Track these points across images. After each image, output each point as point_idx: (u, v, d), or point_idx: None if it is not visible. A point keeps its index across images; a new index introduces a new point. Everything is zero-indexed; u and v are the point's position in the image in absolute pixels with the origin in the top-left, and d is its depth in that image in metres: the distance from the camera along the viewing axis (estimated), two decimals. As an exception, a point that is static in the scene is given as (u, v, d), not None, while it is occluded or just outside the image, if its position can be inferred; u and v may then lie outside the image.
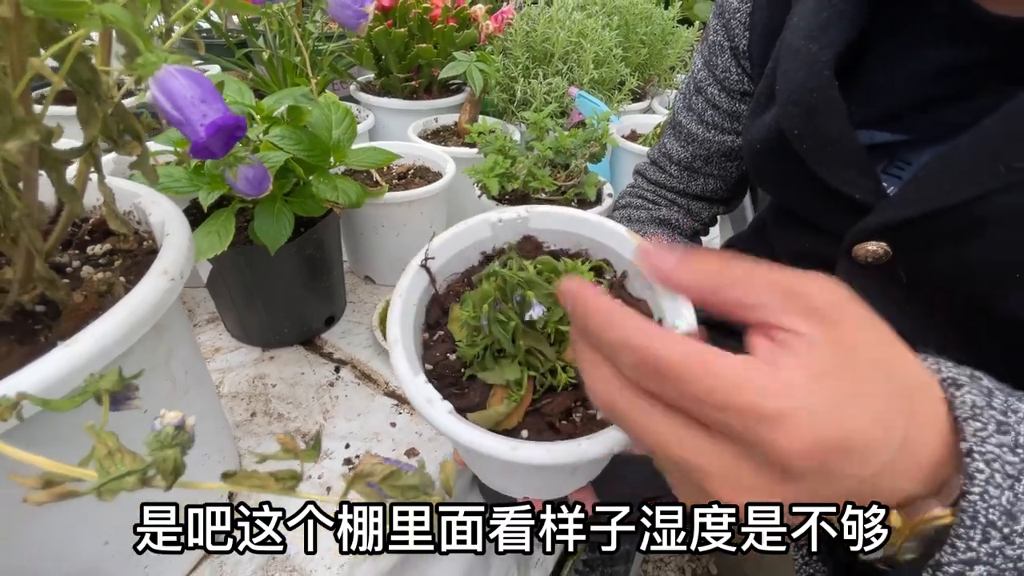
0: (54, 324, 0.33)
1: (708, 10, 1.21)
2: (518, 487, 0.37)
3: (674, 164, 0.59)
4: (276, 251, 0.51)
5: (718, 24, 0.50)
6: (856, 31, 0.36)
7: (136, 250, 0.39)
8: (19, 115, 0.22)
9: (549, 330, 0.32)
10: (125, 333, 0.27)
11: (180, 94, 0.21)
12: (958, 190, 0.31)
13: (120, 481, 0.14)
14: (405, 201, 0.71)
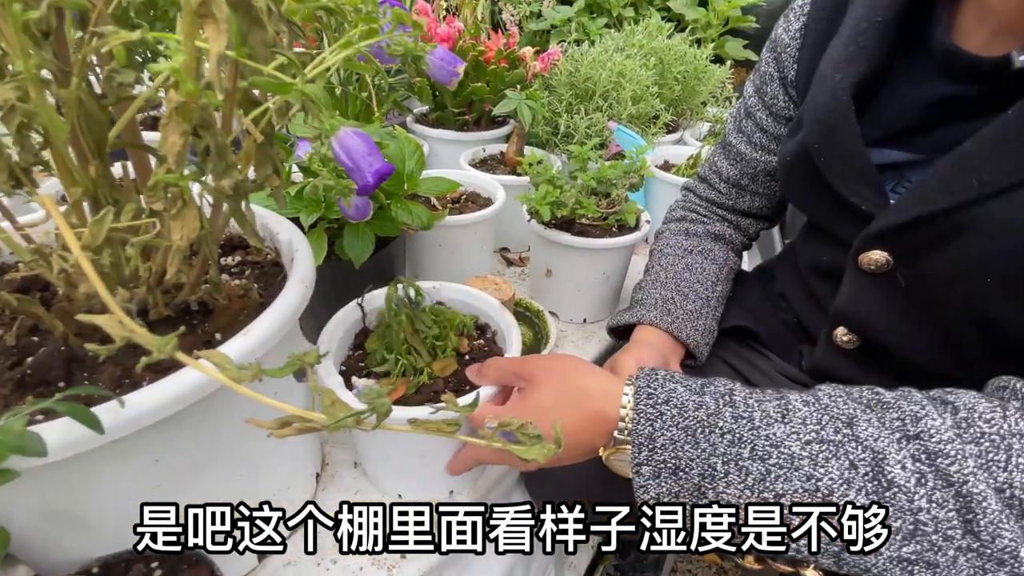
0: (207, 320, 0.41)
1: (738, 49, 1.28)
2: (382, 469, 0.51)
3: (723, 181, 0.65)
4: (359, 265, 0.59)
5: (770, 57, 0.56)
6: (874, 66, 0.42)
7: (263, 262, 0.47)
8: (230, 160, 0.30)
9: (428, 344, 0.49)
10: (281, 326, 0.34)
11: (355, 149, 0.28)
12: (939, 199, 0.37)
13: (344, 420, 0.21)
14: (461, 224, 0.78)
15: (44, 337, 0.38)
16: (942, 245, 0.39)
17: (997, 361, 0.39)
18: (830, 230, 0.50)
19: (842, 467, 0.31)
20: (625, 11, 1.36)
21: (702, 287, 0.60)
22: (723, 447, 0.33)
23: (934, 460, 0.29)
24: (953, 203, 0.37)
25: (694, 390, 0.36)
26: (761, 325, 0.62)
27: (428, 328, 0.48)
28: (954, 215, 0.37)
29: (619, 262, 0.81)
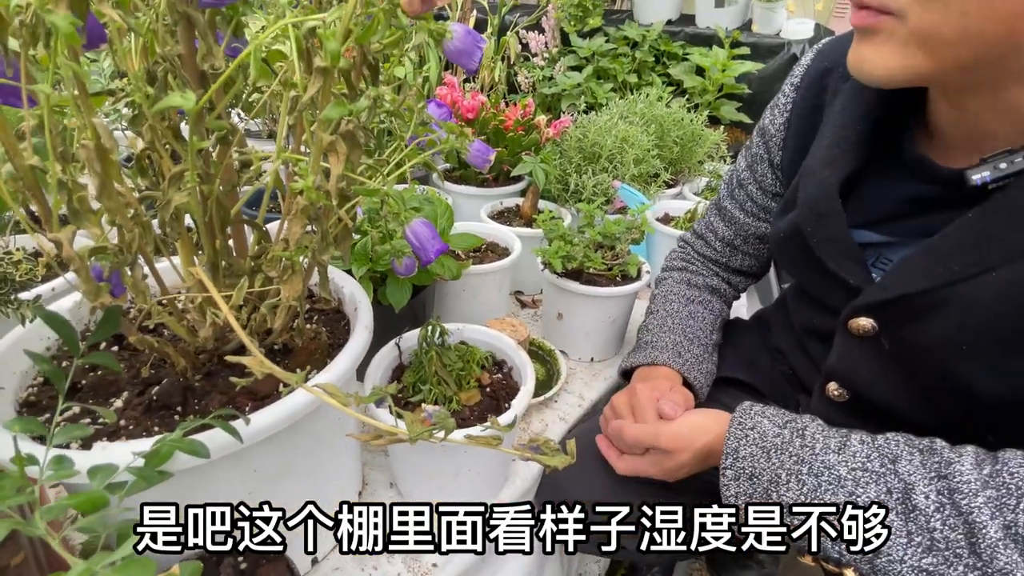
0: (289, 359, 0.50)
1: (732, 112, 1.41)
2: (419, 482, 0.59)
3: (719, 240, 0.74)
4: (399, 310, 0.69)
5: (760, 141, 0.65)
6: (855, 166, 0.50)
7: (328, 310, 0.57)
8: (330, 241, 0.41)
9: (454, 376, 0.58)
10: (354, 362, 0.44)
11: (422, 234, 0.39)
12: (920, 282, 0.45)
13: (421, 434, 0.31)
14: (483, 272, 0.89)
15: (162, 371, 0.48)
16: (922, 318, 0.45)
17: (972, 418, 0.46)
18: (820, 298, 0.57)
19: (879, 491, 0.39)
20: (629, 77, 1.51)
21: (703, 334, 0.69)
22: (789, 464, 0.44)
23: (952, 495, 0.37)
24: (931, 285, 0.43)
25: (776, 423, 0.47)
26: (760, 375, 0.69)
27: (454, 363, 0.57)
28: (932, 294, 0.44)
29: (623, 308, 0.91)
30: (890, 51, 0.38)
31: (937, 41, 0.37)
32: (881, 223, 0.51)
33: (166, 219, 0.41)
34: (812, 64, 0.58)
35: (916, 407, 0.50)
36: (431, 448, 0.51)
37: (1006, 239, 0.40)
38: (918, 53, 0.37)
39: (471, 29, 0.43)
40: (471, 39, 0.44)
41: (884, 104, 0.49)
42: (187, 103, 0.33)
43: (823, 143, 0.53)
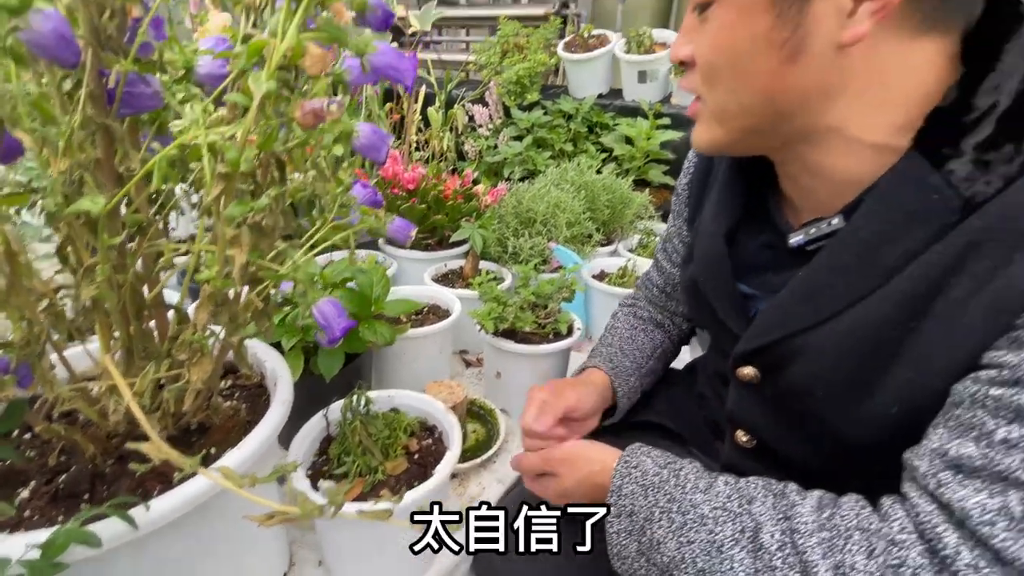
0: (204, 438, 0.51)
1: (659, 175, 1.53)
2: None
3: (655, 287, 0.80)
4: (330, 379, 0.70)
5: (675, 200, 0.72)
6: (733, 222, 0.56)
7: (250, 385, 0.58)
8: (240, 323, 0.43)
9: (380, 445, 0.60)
10: (265, 441, 0.45)
11: (329, 313, 0.42)
12: (771, 332, 0.49)
13: (311, 511, 0.32)
14: (422, 336, 0.91)
15: (72, 458, 0.48)
16: (783, 366, 0.49)
17: (851, 462, 0.49)
18: (720, 344, 0.62)
19: (735, 529, 0.43)
20: (566, 146, 1.62)
21: (638, 353, 0.74)
22: (663, 502, 0.46)
23: (793, 535, 0.41)
24: (781, 335, 0.48)
25: (658, 463, 0.50)
26: (685, 423, 0.73)
27: (380, 432, 0.59)
28: (784, 344, 0.48)
29: (558, 363, 0.94)
30: (703, 127, 0.48)
31: (726, 115, 0.45)
32: (751, 276, 0.55)
33: (79, 309, 0.43)
34: None
35: (806, 453, 0.54)
36: (354, 524, 0.51)
37: (827, 293, 0.45)
38: (717, 127, 0.46)
39: (376, 128, 0.49)
40: (376, 136, 0.49)
41: (755, 168, 0.55)
42: (95, 207, 0.36)
43: (711, 201, 0.59)
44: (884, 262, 0.41)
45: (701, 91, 0.46)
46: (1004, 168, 0.36)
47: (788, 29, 0.39)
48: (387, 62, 0.41)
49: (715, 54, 0.43)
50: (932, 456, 0.38)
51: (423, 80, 2.12)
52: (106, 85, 0.41)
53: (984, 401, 0.36)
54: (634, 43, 1.57)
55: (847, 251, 0.43)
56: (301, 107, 0.36)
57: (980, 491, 0.35)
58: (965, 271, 0.37)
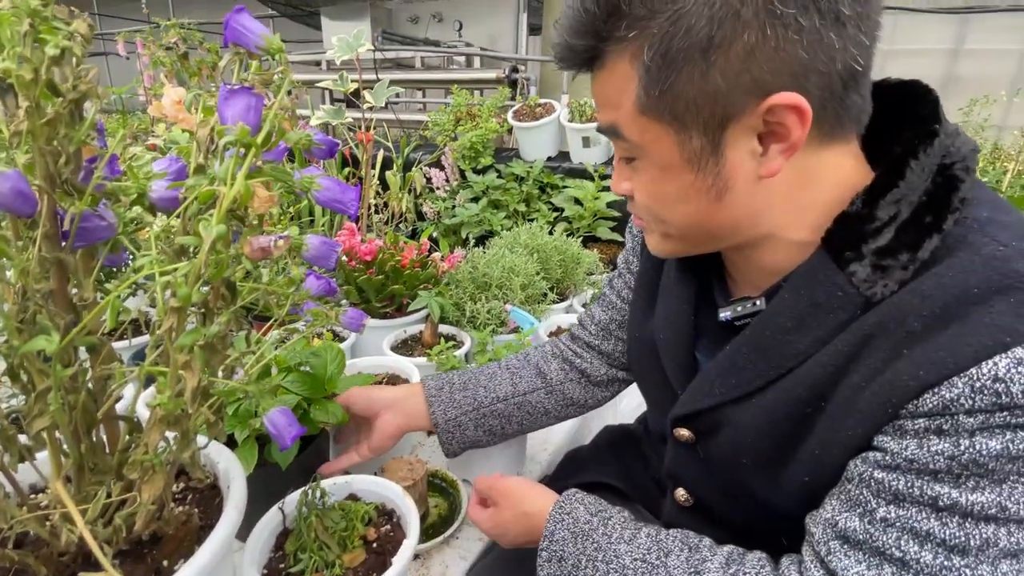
0: (156, 549, 0.51)
1: (607, 232, 1.62)
2: None
3: (594, 324, 0.79)
4: (286, 467, 0.71)
5: (628, 240, 0.75)
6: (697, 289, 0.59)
7: (202, 488, 0.58)
8: (190, 439, 0.45)
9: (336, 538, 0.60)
10: (220, 550, 0.46)
11: (280, 423, 0.44)
12: (698, 402, 0.54)
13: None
14: (380, 409, 0.93)
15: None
16: (714, 432, 0.53)
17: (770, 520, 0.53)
18: (658, 404, 0.65)
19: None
20: (519, 206, 1.71)
21: (485, 393, 0.76)
22: (590, 550, 0.50)
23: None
24: (707, 405, 0.52)
25: (590, 511, 0.54)
26: (630, 481, 0.76)
27: (337, 524, 0.60)
28: (714, 412, 0.52)
29: (516, 429, 0.97)
30: (654, 239, 0.53)
31: (675, 236, 0.50)
32: (700, 343, 0.59)
33: (31, 434, 0.44)
34: None
35: (736, 512, 0.58)
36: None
37: (748, 369, 0.49)
38: (668, 242, 0.52)
39: (327, 239, 0.53)
40: (326, 247, 0.53)
41: None
42: (50, 346, 0.38)
43: (673, 265, 0.62)
44: (797, 347, 0.46)
45: (644, 218, 0.51)
46: (900, 274, 0.41)
47: (710, 178, 0.43)
48: (331, 196, 0.46)
49: (650, 200, 0.48)
50: (825, 525, 0.43)
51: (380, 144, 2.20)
52: (61, 223, 0.44)
53: (869, 481, 0.40)
54: (576, 112, 1.70)
55: (765, 333, 0.48)
56: (249, 244, 0.40)
57: (860, 562, 0.40)
58: (862, 361, 0.42)
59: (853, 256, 0.42)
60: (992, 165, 2.65)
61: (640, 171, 0.47)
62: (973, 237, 0.40)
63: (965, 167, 0.42)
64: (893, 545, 0.38)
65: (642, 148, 0.45)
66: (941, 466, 0.37)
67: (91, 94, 0.44)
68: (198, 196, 0.39)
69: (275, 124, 0.40)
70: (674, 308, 0.60)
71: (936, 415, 0.37)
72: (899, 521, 0.39)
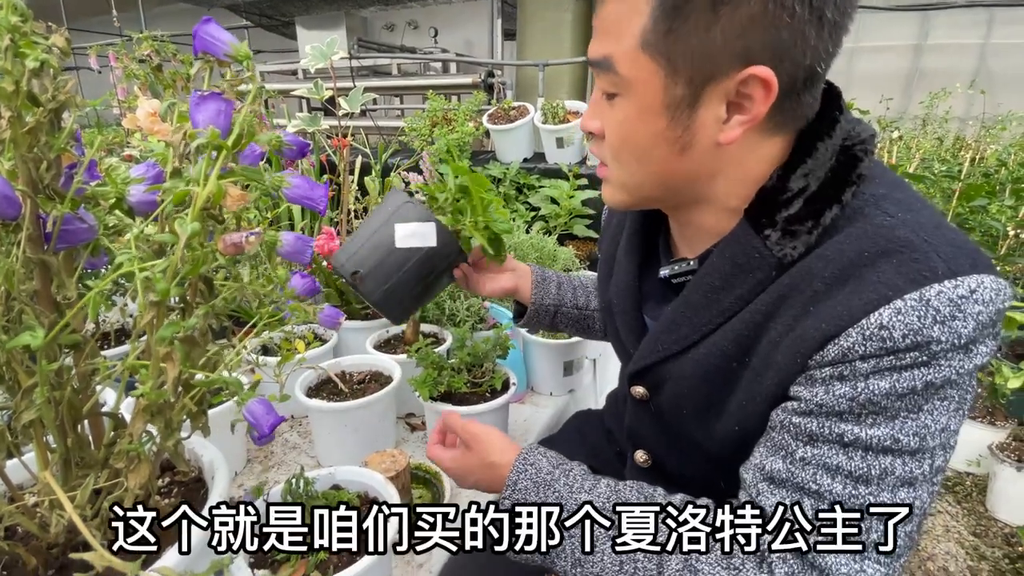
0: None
1: (583, 229, 1.67)
2: None
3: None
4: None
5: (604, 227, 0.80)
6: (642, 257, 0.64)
7: (187, 480, 0.61)
8: (174, 427, 0.48)
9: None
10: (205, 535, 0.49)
11: (258, 412, 0.47)
12: (646, 358, 0.58)
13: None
14: (362, 405, 0.95)
15: (14, 571, 0.49)
16: (659, 387, 0.58)
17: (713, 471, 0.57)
18: (623, 365, 0.71)
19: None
20: (496, 207, 1.74)
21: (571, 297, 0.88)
22: (552, 498, 0.53)
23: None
24: (652, 360, 0.57)
25: (552, 463, 0.56)
26: (598, 458, 0.80)
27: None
28: (658, 367, 0.57)
29: (497, 420, 1.00)
30: (610, 190, 0.56)
31: (628, 187, 0.53)
32: (648, 305, 0.64)
33: (18, 429, 0.46)
34: None
35: (686, 467, 0.63)
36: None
37: (684, 325, 0.54)
38: (621, 192, 0.55)
39: (301, 235, 0.56)
40: (300, 243, 0.56)
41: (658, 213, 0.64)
42: (35, 341, 0.40)
43: (624, 237, 0.68)
44: (723, 304, 0.51)
45: (607, 161, 0.54)
46: (805, 238, 0.47)
47: (679, 129, 0.47)
48: (301, 193, 0.49)
49: (619, 140, 0.51)
50: (754, 471, 0.48)
51: (358, 150, 2.22)
52: (44, 227, 0.46)
53: (788, 427, 0.45)
54: (550, 114, 1.74)
55: (698, 291, 0.53)
56: (223, 240, 0.43)
57: (785, 498, 0.44)
58: (778, 318, 0.47)
59: (768, 223, 0.47)
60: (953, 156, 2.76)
61: (617, 109, 0.49)
62: (868, 209, 0.45)
63: (864, 148, 0.47)
64: (811, 480, 0.43)
65: (629, 85, 0.47)
66: (844, 407, 0.42)
67: (69, 103, 0.46)
68: (173, 197, 0.42)
69: (245, 126, 0.43)
70: (623, 275, 0.66)
71: (838, 363, 0.42)
72: (814, 459, 0.43)
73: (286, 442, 1.13)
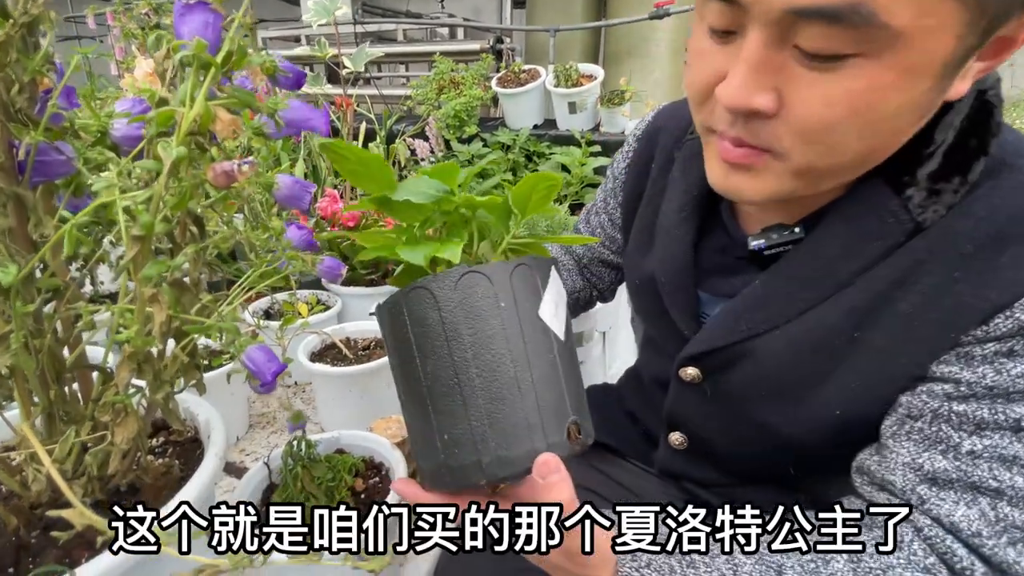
0: (134, 499, 0.50)
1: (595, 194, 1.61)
2: None
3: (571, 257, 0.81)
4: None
5: (610, 179, 0.70)
6: (698, 226, 0.55)
7: (183, 440, 0.57)
8: (164, 379, 0.44)
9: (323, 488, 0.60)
10: (200, 496, 0.45)
11: (259, 359, 0.43)
12: (721, 337, 0.51)
13: (240, 563, 0.33)
14: (369, 371, 0.92)
15: (-10, 532, 0.46)
16: (729, 368, 0.51)
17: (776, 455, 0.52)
18: (663, 345, 0.64)
19: None
20: (506, 176, 1.68)
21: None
22: None
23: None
24: (730, 340, 0.50)
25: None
26: (622, 439, 0.76)
27: (324, 475, 0.59)
28: (733, 348, 0.50)
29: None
30: (766, 182, 0.41)
31: (810, 172, 0.40)
32: (703, 281, 0.57)
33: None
34: (651, 122, 0.67)
35: (736, 450, 0.58)
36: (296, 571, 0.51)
37: (781, 301, 0.47)
38: (794, 182, 0.40)
39: (299, 179, 0.51)
40: (298, 187, 0.51)
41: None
42: (6, 277, 0.36)
43: (671, 206, 0.59)
44: (839, 275, 0.44)
45: (778, 144, 0.38)
46: (950, 198, 0.40)
47: (940, 91, 0.35)
48: (300, 116, 0.44)
49: (842, 115, 0.35)
50: (905, 470, 0.41)
51: (363, 116, 2.16)
52: (16, 156, 0.41)
53: (948, 416, 0.39)
54: (562, 77, 1.67)
55: (808, 262, 0.46)
56: (212, 169, 0.38)
57: (958, 503, 0.38)
58: (910, 287, 0.41)
59: (909, 180, 0.41)
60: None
61: (847, 75, 0.34)
62: (1011, 160, 0.39)
63: (996, 94, 0.41)
64: (988, 476, 0.38)
65: (896, 39, 0.32)
66: (1021, 387, 0.36)
67: (43, 19, 0.41)
68: (158, 118, 0.37)
69: (236, 43, 0.38)
70: (675, 247, 0.58)
71: (1007, 337, 0.36)
72: (987, 451, 0.38)
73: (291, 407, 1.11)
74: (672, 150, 0.63)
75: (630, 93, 1.65)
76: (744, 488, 0.61)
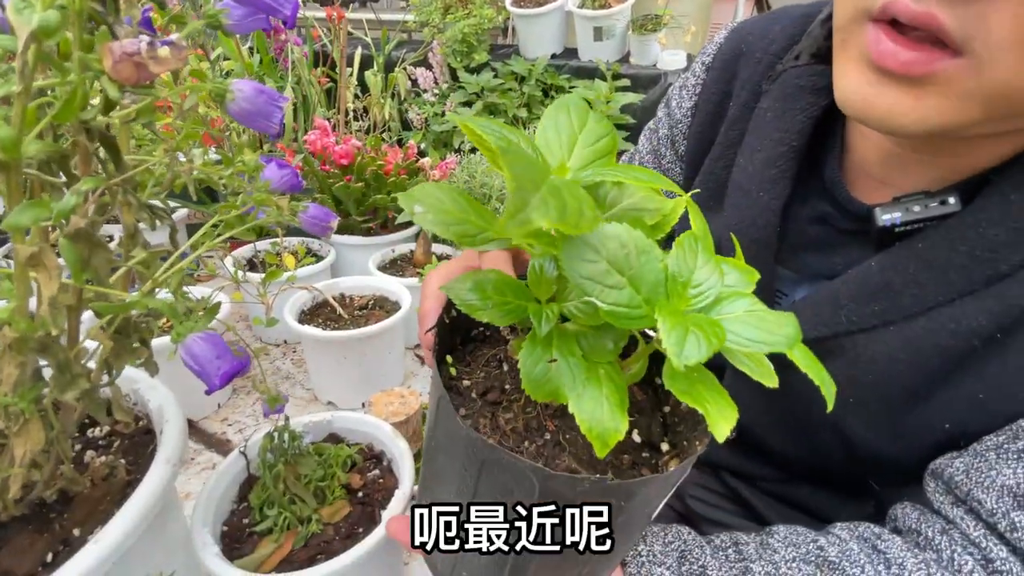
0: (67, 512, 0.39)
1: (620, 142, 1.43)
2: None
3: None
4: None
5: (667, 125, 0.57)
6: (791, 189, 0.44)
7: (133, 431, 0.45)
8: (75, 372, 0.31)
9: (312, 488, 0.48)
10: (139, 523, 0.34)
11: (201, 355, 0.30)
12: (813, 329, 0.40)
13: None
14: (366, 336, 0.80)
15: None
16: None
17: (849, 463, 0.43)
18: None
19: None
20: (519, 112, 1.50)
21: None
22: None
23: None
24: (825, 333, 0.40)
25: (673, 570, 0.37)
26: None
27: (313, 472, 0.48)
28: (825, 343, 0.40)
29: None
30: (940, 104, 0.30)
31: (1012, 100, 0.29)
32: (788, 254, 0.46)
33: None
34: (726, 44, 0.51)
35: (798, 448, 0.48)
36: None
37: (909, 292, 0.37)
38: (975, 108, 0.29)
39: (264, 87, 0.36)
40: (264, 98, 0.36)
41: (819, 120, 0.43)
42: None
43: (756, 157, 0.46)
44: (998, 266, 0.34)
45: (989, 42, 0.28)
46: None
47: None
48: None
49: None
50: (1002, 492, 0.32)
51: (359, 41, 1.92)
52: None
53: None
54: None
55: (958, 246, 0.35)
56: (110, 52, 0.23)
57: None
58: None
59: None
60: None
61: None
62: None
63: None
64: None
65: None
66: None
67: None
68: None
69: None
70: (757, 211, 0.45)
71: None
72: None
73: (278, 370, 1.00)
74: (760, 82, 0.48)
75: (667, 17, 1.44)
76: (796, 486, 0.52)
